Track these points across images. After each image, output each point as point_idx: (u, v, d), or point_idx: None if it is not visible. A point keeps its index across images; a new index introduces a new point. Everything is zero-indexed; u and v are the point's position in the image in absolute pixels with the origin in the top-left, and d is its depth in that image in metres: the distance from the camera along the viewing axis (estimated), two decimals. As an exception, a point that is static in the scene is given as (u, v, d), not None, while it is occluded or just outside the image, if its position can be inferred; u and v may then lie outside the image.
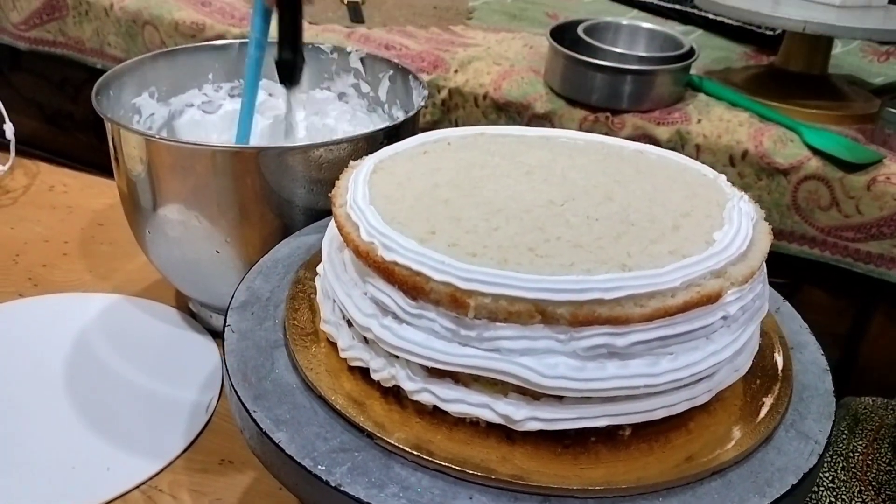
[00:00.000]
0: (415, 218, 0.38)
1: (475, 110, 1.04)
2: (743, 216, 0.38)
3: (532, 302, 0.33)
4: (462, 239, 0.36)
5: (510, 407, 0.35)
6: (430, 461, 0.34)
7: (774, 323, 0.43)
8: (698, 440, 0.36)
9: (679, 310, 0.33)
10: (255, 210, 0.53)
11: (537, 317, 0.33)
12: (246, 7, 1.20)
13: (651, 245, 0.36)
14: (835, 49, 1.17)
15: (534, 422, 0.35)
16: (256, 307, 0.43)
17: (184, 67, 0.66)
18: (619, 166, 0.44)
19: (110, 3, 1.23)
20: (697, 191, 0.42)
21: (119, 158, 0.56)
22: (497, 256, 0.35)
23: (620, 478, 0.34)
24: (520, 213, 0.38)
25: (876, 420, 0.60)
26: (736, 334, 0.36)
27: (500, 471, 0.34)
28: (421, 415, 0.37)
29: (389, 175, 0.42)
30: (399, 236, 0.35)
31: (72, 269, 0.71)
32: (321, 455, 0.35)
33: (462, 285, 0.33)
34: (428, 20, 1.22)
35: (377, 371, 0.38)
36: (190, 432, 0.54)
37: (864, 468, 0.56)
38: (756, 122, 0.94)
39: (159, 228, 0.56)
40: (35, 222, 0.77)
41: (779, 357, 0.41)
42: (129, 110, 0.62)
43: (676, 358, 0.34)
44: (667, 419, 0.36)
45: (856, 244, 0.91)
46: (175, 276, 0.60)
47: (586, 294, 0.33)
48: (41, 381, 0.58)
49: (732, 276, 0.35)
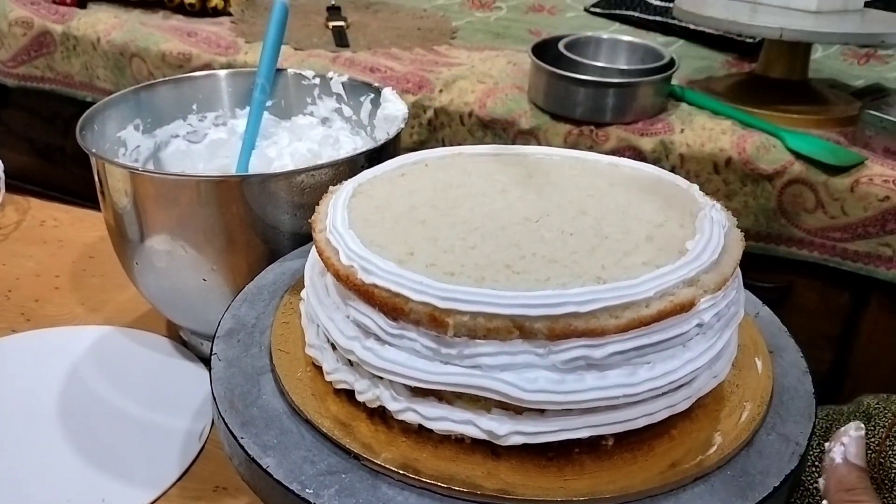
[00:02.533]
0: (393, 240, 0.38)
1: (461, 129, 1.05)
2: (714, 224, 0.39)
3: (509, 318, 0.33)
4: (440, 259, 0.37)
5: (493, 422, 0.35)
6: (416, 479, 0.35)
7: (754, 327, 0.44)
8: (681, 447, 0.37)
9: (654, 319, 0.34)
10: (240, 237, 0.54)
11: (515, 332, 0.34)
12: (231, 36, 1.21)
13: (625, 257, 0.37)
14: (815, 53, 1.19)
15: (517, 436, 0.35)
16: (242, 334, 0.44)
17: (168, 99, 0.67)
18: (593, 180, 0.44)
19: (97, 37, 1.25)
20: (671, 201, 0.42)
21: (105, 192, 0.57)
22: (474, 275, 0.35)
23: (605, 487, 0.35)
24: (496, 231, 0.39)
25: (889, 416, 0.60)
26: (712, 341, 0.36)
27: (486, 486, 0.35)
28: (407, 434, 0.37)
29: (368, 198, 0.43)
30: (378, 259, 0.36)
31: (64, 303, 0.71)
32: (309, 478, 0.35)
33: (440, 304, 0.34)
34: (412, 41, 1.23)
35: (362, 393, 0.38)
36: (184, 460, 0.54)
37: (877, 465, 0.55)
38: (739, 130, 0.95)
39: (147, 259, 0.57)
40: (27, 257, 0.78)
41: (759, 361, 0.42)
42: (115, 143, 0.63)
43: (654, 367, 0.35)
44: (649, 427, 0.37)
45: (843, 244, 0.91)
46: (164, 305, 0.61)
47: (562, 308, 0.33)
48: (35, 416, 0.58)
49: (705, 283, 0.35)
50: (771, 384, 0.40)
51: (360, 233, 0.39)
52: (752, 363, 0.41)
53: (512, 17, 1.39)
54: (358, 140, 0.68)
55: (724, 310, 0.36)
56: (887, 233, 0.88)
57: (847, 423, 0.39)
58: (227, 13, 1.32)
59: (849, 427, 0.38)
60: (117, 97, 0.64)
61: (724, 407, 0.39)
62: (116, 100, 0.63)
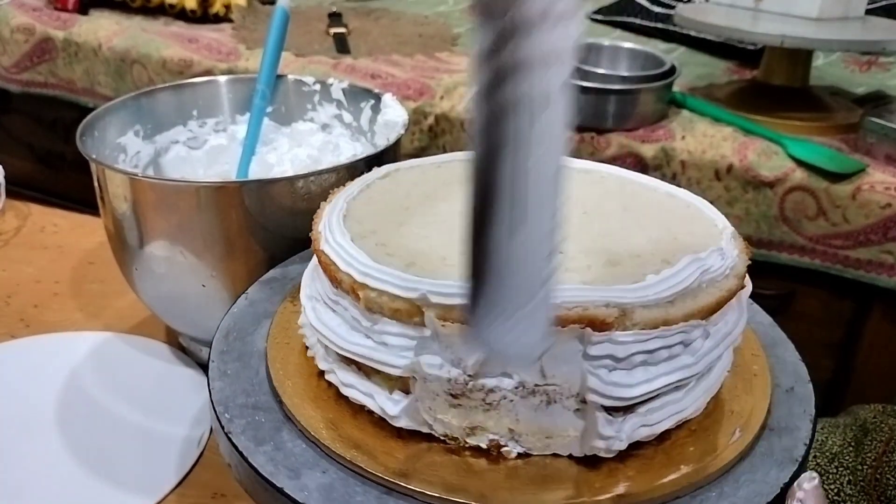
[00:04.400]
0: (366, 222, 0.40)
1: (462, 135, 1.05)
2: (699, 267, 0.36)
3: (409, 301, 0.34)
4: (391, 241, 0.38)
5: (389, 402, 0.37)
6: (405, 487, 0.35)
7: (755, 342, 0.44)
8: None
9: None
10: (240, 243, 0.54)
11: (416, 316, 0.35)
12: (232, 43, 1.21)
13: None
14: (817, 60, 1.19)
15: (406, 419, 0.37)
16: (240, 341, 0.44)
17: (168, 105, 0.67)
18: (590, 191, 0.45)
19: (99, 43, 1.25)
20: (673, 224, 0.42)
21: (104, 198, 0.57)
22: (407, 259, 0.37)
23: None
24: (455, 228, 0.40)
25: (886, 431, 0.59)
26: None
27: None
28: (405, 439, 0.37)
29: (368, 197, 0.44)
30: (338, 232, 0.39)
31: (63, 309, 0.71)
32: (308, 486, 0.35)
33: (358, 277, 0.36)
34: (413, 48, 1.23)
35: (310, 348, 0.41)
36: (182, 467, 0.54)
37: (873, 482, 0.54)
38: (740, 137, 0.95)
39: (146, 265, 0.57)
40: (26, 263, 0.78)
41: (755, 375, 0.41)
42: (115, 149, 0.63)
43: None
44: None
45: (845, 251, 0.91)
46: (163, 311, 0.61)
47: (454, 299, 0.33)
48: (33, 422, 0.58)
49: (635, 316, 0.34)
50: (768, 401, 0.39)
51: (350, 212, 0.41)
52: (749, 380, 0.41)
53: (513, 24, 1.39)
54: (358, 146, 0.68)
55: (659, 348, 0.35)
56: (889, 240, 0.88)
57: (845, 434, 0.39)
58: (229, 20, 1.32)
59: (801, 480, 0.35)
60: (117, 103, 0.63)
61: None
62: (116, 106, 0.63)
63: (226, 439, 0.37)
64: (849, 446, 0.60)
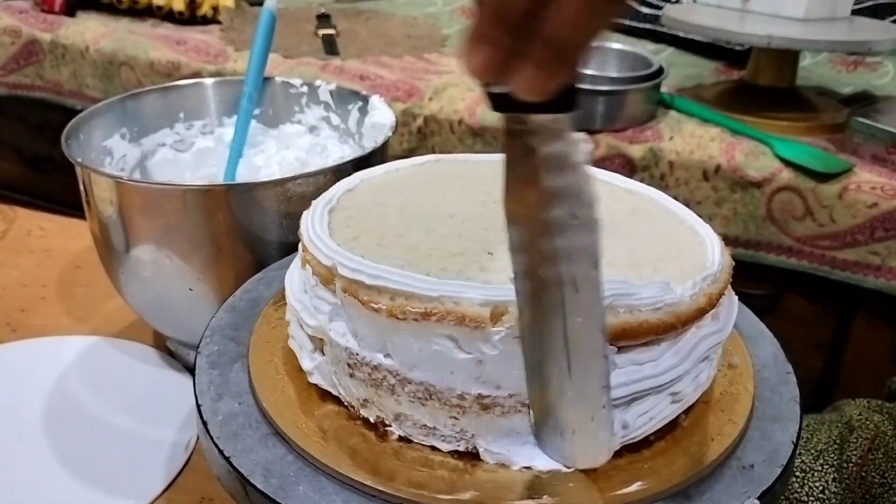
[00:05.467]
0: (356, 219, 0.41)
1: (451, 136, 1.05)
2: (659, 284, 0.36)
3: (326, 268, 0.37)
4: (362, 221, 0.40)
5: (308, 358, 0.40)
6: (380, 491, 0.35)
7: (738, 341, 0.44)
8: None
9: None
10: (227, 247, 0.54)
11: (332, 283, 0.37)
12: (220, 45, 1.21)
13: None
14: (804, 61, 1.19)
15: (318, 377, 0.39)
16: (227, 345, 0.44)
17: (154, 107, 0.67)
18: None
19: (86, 45, 1.24)
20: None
21: (90, 201, 0.56)
22: (357, 234, 0.39)
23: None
24: (429, 223, 0.41)
25: (871, 428, 0.59)
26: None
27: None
28: (392, 446, 0.37)
29: (360, 194, 0.45)
30: (318, 212, 0.41)
31: (50, 313, 0.71)
32: (294, 492, 0.35)
33: (307, 241, 0.39)
34: (402, 49, 1.23)
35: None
36: (170, 471, 0.54)
37: (857, 479, 0.54)
38: (727, 137, 0.96)
39: (132, 269, 0.56)
40: (13, 267, 0.77)
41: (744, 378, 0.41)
42: (101, 153, 0.63)
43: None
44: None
45: (832, 252, 0.91)
46: (150, 315, 0.61)
47: (359, 275, 0.35)
48: (21, 427, 0.57)
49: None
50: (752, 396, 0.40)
51: (336, 215, 0.42)
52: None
53: (502, 26, 1.39)
54: (346, 148, 0.68)
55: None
56: (875, 240, 0.89)
57: (830, 431, 0.39)
58: (216, 21, 1.31)
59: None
60: (103, 106, 0.63)
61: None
62: (102, 108, 0.63)
63: (211, 444, 0.37)
64: (834, 443, 0.60)
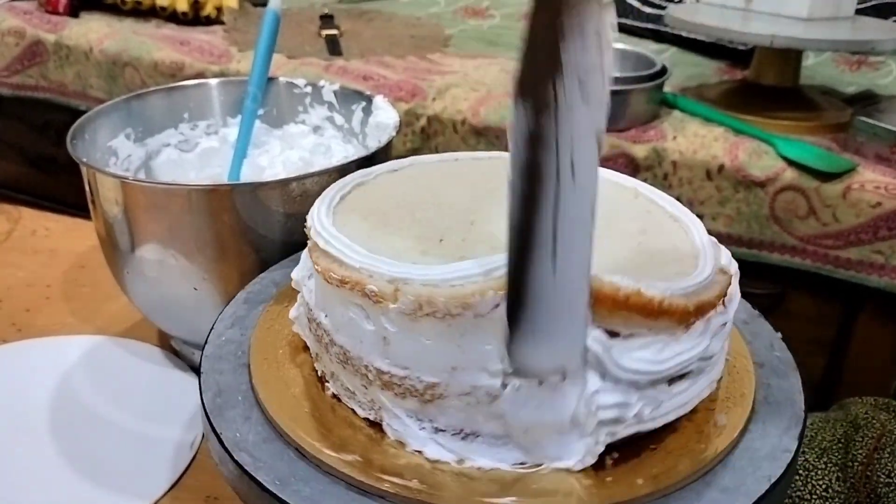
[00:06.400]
0: (359, 209, 0.42)
1: (454, 136, 1.05)
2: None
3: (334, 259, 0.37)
4: (363, 221, 0.40)
5: (293, 308, 0.43)
6: (405, 498, 0.35)
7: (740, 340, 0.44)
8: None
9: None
10: (231, 246, 0.54)
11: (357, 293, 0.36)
12: (224, 45, 1.21)
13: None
14: (807, 60, 1.19)
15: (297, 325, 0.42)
16: (232, 344, 0.44)
17: (159, 108, 0.67)
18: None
19: (90, 46, 1.25)
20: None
21: (95, 201, 0.57)
22: (369, 225, 0.40)
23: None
24: (432, 213, 0.41)
25: (877, 427, 0.58)
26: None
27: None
28: (394, 448, 0.37)
29: (365, 192, 0.45)
30: (327, 220, 0.40)
31: (55, 313, 0.71)
32: (298, 490, 0.35)
33: (322, 245, 0.38)
34: (405, 50, 1.23)
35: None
36: (175, 470, 0.54)
37: (863, 479, 0.54)
38: (731, 137, 0.96)
39: (137, 269, 0.56)
40: (18, 267, 0.78)
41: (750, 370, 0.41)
42: (106, 153, 0.63)
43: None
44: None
45: (835, 251, 0.92)
46: (155, 314, 0.61)
47: (398, 273, 0.35)
48: (26, 427, 0.58)
49: None
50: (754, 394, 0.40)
51: (340, 207, 0.43)
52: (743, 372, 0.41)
53: (505, 25, 1.39)
54: (349, 148, 0.68)
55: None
56: (879, 239, 0.89)
57: (835, 430, 0.39)
58: (220, 22, 1.32)
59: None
60: (108, 106, 0.63)
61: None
62: (107, 109, 0.63)
63: (216, 442, 0.37)
64: (839, 442, 0.60)
